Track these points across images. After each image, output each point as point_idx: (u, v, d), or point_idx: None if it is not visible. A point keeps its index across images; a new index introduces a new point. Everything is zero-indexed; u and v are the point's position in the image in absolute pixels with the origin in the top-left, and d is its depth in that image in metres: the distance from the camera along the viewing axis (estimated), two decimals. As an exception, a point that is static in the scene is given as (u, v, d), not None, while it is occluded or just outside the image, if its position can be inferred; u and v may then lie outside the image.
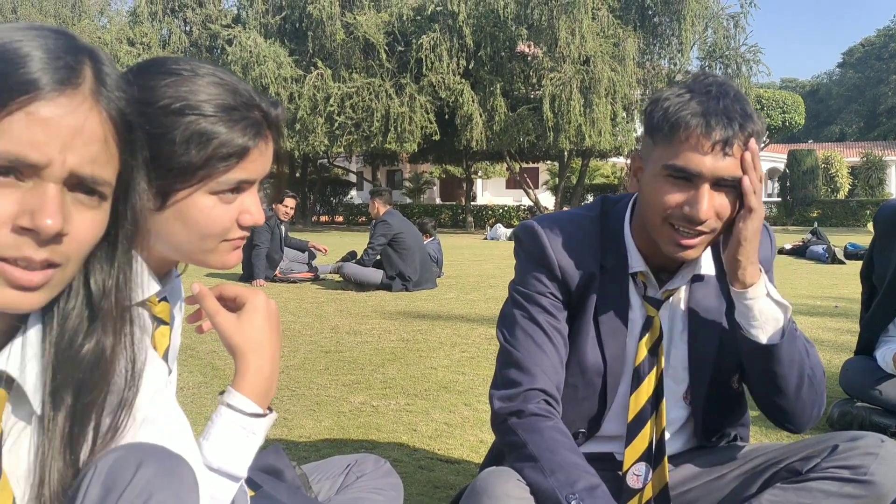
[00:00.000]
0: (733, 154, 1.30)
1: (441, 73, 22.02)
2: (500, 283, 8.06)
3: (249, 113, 1.01)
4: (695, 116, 1.30)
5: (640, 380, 1.50)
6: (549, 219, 1.56)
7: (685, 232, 1.34)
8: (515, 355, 1.46)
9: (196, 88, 0.99)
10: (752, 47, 24.07)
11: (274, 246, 7.99)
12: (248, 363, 1.03)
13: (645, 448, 1.50)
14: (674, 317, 1.52)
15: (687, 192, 1.32)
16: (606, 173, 36.91)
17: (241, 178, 1.01)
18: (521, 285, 1.52)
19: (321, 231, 23.61)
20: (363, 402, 3.17)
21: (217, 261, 1.05)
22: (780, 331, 1.39)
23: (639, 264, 1.48)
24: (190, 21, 25.03)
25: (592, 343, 1.51)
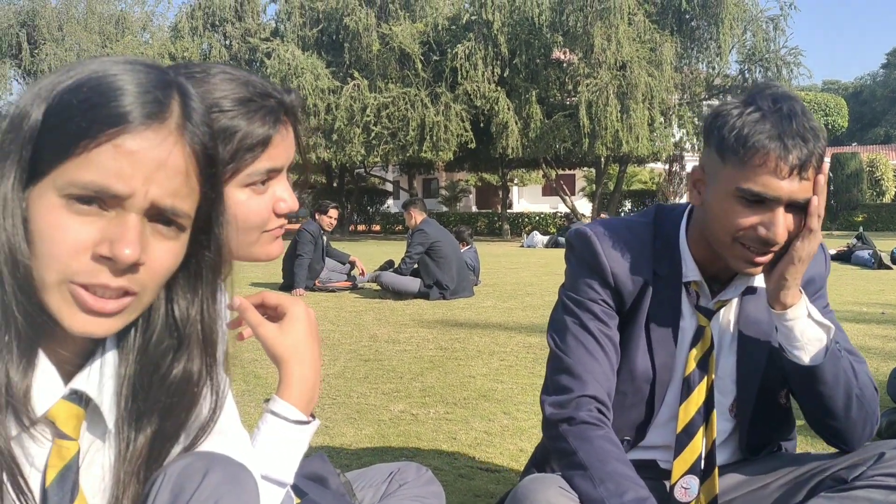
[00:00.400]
0: (808, 178, 1.30)
1: (476, 81, 22.05)
2: (537, 290, 8.04)
3: (265, 102, 1.03)
4: (771, 140, 1.28)
5: (689, 390, 1.49)
6: (602, 225, 1.56)
7: (757, 250, 1.34)
8: (567, 361, 1.46)
9: (211, 88, 1.01)
10: (792, 50, 23.65)
11: (316, 256, 8.09)
12: (291, 372, 1.05)
13: (694, 460, 1.49)
14: (724, 328, 1.51)
15: (761, 214, 1.31)
16: (644, 179, 36.53)
17: (269, 167, 1.04)
18: (572, 291, 1.52)
19: (358, 240, 23.78)
20: (403, 410, 3.19)
21: (262, 252, 1.08)
22: (823, 350, 1.37)
23: (694, 274, 1.48)
24: (230, 35, 25.48)
25: (643, 351, 1.50)
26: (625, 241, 1.51)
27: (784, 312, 1.37)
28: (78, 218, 0.71)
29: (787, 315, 1.37)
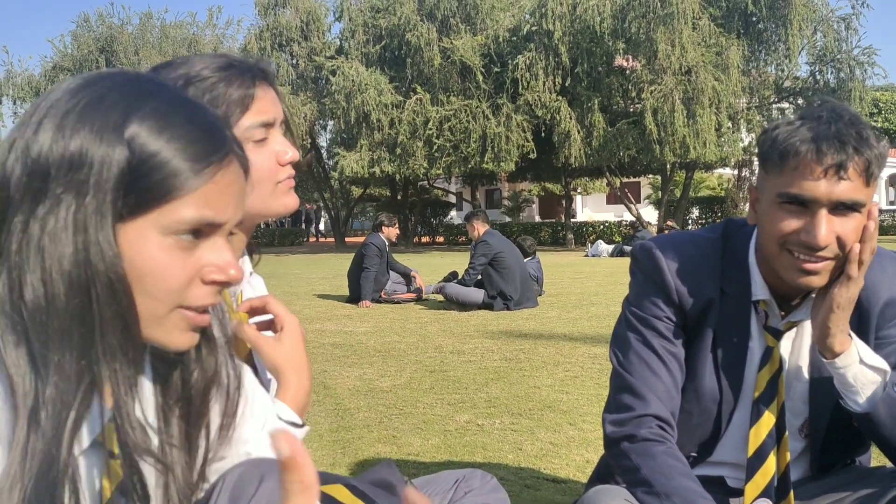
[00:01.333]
0: (849, 178, 1.26)
1: (537, 91, 22.01)
2: (602, 300, 7.97)
3: (243, 66, 1.15)
4: (804, 143, 1.27)
5: (759, 413, 1.46)
6: (668, 240, 1.54)
7: (805, 258, 1.31)
8: (628, 379, 1.45)
9: (190, 64, 1.13)
10: (865, 49, 22.81)
11: (381, 268, 8.22)
12: (289, 381, 1.13)
13: (767, 483, 1.46)
14: (799, 349, 1.48)
15: (803, 218, 1.30)
16: (712, 185, 35.72)
17: (261, 121, 1.13)
18: (636, 307, 1.51)
19: (422, 252, 23.96)
20: (468, 420, 3.23)
21: (279, 205, 1.17)
22: (877, 395, 1.35)
23: (762, 292, 1.44)
24: (296, 55, 26.13)
25: (710, 370, 1.48)
26: (691, 257, 1.49)
27: (834, 361, 1.35)
28: (183, 252, 0.76)
29: (836, 363, 1.35)
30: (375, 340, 5.55)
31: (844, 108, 1.32)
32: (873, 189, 1.31)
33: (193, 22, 31.45)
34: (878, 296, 1.45)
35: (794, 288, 1.41)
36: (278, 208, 1.17)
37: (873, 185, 1.30)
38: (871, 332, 1.46)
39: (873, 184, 1.30)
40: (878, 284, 1.45)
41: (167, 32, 30.66)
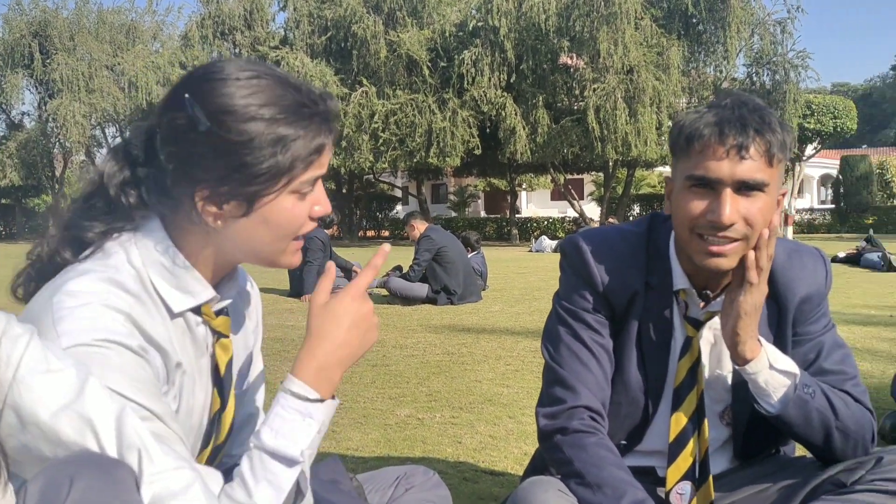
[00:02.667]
0: (751, 157, 1.29)
1: (483, 87, 22.11)
2: (545, 295, 8.05)
3: (317, 108, 1.04)
4: (708, 126, 1.31)
5: (680, 400, 1.50)
6: (594, 233, 1.56)
7: (713, 240, 1.34)
8: (560, 373, 1.47)
9: (264, 91, 1.01)
10: (800, 52, 23.56)
11: (324, 263, 8.10)
12: (310, 348, 1.05)
13: (688, 467, 1.49)
14: (719, 337, 1.50)
15: (709, 199, 1.33)
16: (653, 183, 36.47)
17: (318, 174, 1.05)
18: (565, 301, 1.53)
19: (367, 246, 23.83)
20: (409, 414, 3.22)
21: (287, 260, 1.10)
22: (787, 397, 1.39)
23: (682, 282, 1.47)
24: (239, 43, 25.64)
25: (635, 361, 1.51)
26: (616, 250, 1.52)
27: (745, 367, 1.39)
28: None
29: (747, 369, 1.39)
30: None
31: (750, 98, 1.37)
32: (777, 172, 1.34)
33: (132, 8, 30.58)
34: (795, 292, 1.48)
35: (711, 276, 1.44)
36: (284, 263, 1.09)
37: (777, 168, 1.33)
38: (788, 329, 1.50)
39: (777, 166, 1.33)
40: (795, 281, 1.49)
41: (104, 18, 29.74)
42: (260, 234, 1.05)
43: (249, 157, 0.99)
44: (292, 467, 1.00)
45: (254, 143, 0.99)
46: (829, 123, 28.58)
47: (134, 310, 0.99)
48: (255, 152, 0.99)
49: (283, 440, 1.00)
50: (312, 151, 1.02)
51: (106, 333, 0.94)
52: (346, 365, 1.08)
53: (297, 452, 1.00)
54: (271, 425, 1.01)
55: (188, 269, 1.06)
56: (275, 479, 0.99)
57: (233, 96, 1.00)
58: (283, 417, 1.02)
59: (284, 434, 1.01)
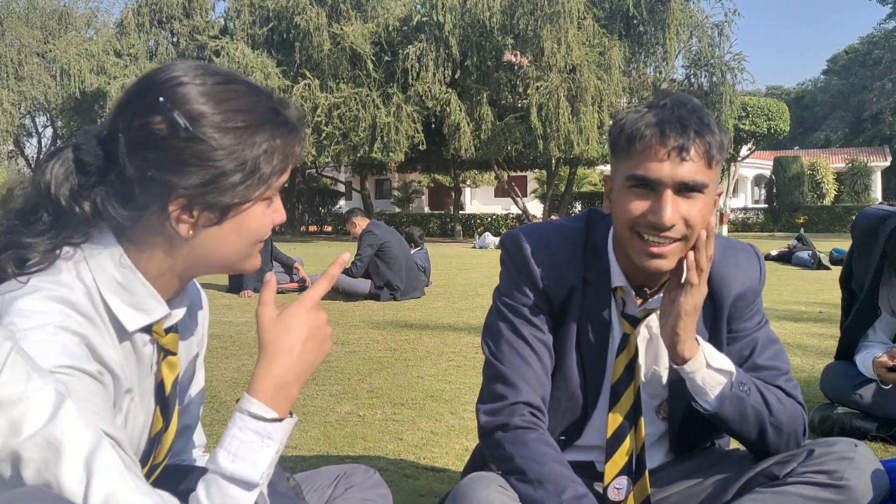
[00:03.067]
0: (691, 159, 1.31)
1: (427, 82, 22.09)
2: (487, 291, 8.05)
3: (288, 115, 1.03)
4: (649, 127, 1.32)
5: (617, 397, 1.51)
6: (534, 229, 1.56)
7: (653, 241, 1.34)
8: (500, 369, 1.47)
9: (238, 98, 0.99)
10: (736, 55, 24.27)
11: (264, 257, 7.96)
12: (266, 366, 1.00)
13: (625, 462, 1.51)
14: (656, 334, 1.52)
15: (650, 200, 1.33)
16: (594, 181, 37.05)
17: (285, 180, 1.05)
18: (506, 296, 1.52)
19: (309, 241, 23.58)
20: (350, 411, 3.18)
21: (250, 265, 1.08)
22: (724, 395, 1.41)
23: (619, 280, 1.48)
24: (177, 32, 25.02)
25: (574, 357, 1.51)
26: (555, 246, 1.52)
27: (683, 367, 1.41)
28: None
29: (686, 368, 1.41)
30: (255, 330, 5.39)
31: (689, 99, 1.38)
32: (715, 173, 1.36)
33: (65, -8, 29.46)
34: (730, 289, 1.51)
35: (648, 274, 1.44)
36: (247, 268, 1.08)
37: (715, 169, 1.35)
38: (723, 325, 1.52)
39: (715, 167, 1.35)
40: (730, 278, 1.51)
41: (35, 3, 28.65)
42: (231, 241, 1.02)
43: (231, 165, 0.97)
44: (251, 490, 0.96)
45: (234, 152, 0.97)
46: (764, 125, 29.52)
47: (87, 332, 0.94)
48: (237, 161, 0.97)
49: (241, 464, 0.96)
50: (287, 159, 1.01)
51: (66, 359, 0.89)
52: (304, 379, 1.03)
53: (257, 476, 0.96)
54: (228, 448, 0.96)
55: (144, 286, 1.02)
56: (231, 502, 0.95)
57: (208, 102, 0.97)
58: (241, 440, 0.96)
59: (243, 457, 0.96)
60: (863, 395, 2.79)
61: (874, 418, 2.75)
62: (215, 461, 0.96)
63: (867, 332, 2.88)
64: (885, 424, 2.71)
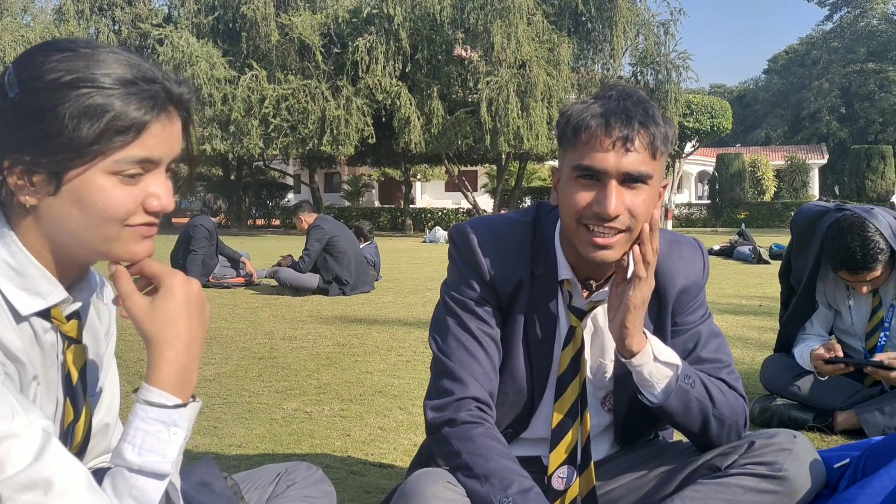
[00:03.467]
0: (636, 150, 1.32)
1: (377, 75, 21.96)
2: (438, 285, 8.00)
3: (148, 86, 0.96)
4: (595, 118, 1.33)
5: (563, 389, 1.52)
6: (482, 222, 1.55)
7: (599, 231, 1.35)
8: (448, 364, 1.46)
9: (91, 63, 0.94)
10: (681, 54, 24.75)
11: (210, 251, 7.84)
12: (160, 354, 0.98)
13: (569, 453, 1.51)
14: (602, 326, 1.53)
15: (595, 190, 1.34)
16: (544, 176, 37.37)
17: (143, 157, 0.95)
18: (454, 290, 1.52)
19: (256, 235, 23.23)
20: (296, 408, 3.13)
21: (122, 250, 0.99)
22: (670, 388, 1.43)
23: (566, 273, 1.49)
24: (118, 20, 24.33)
25: (521, 350, 1.51)
26: (503, 239, 1.51)
27: (631, 360, 1.42)
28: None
29: (633, 362, 1.42)
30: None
31: (634, 91, 1.39)
32: (660, 164, 1.37)
33: (-1, -24, 28.34)
34: (674, 283, 1.52)
35: (594, 267, 1.45)
36: (120, 254, 0.99)
37: (660, 161, 1.36)
38: (667, 319, 1.54)
39: (660, 159, 1.36)
40: (675, 272, 1.53)
41: (-33, -14, 27.44)
42: (75, 215, 0.95)
43: (53, 126, 0.92)
44: (161, 480, 0.94)
45: (58, 111, 0.91)
46: (707, 123, 30.18)
47: None
48: (59, 121, 0.91)
49: (148, 455, 0.94)
50: (129, 127, 0.94)
51: None
52: (200, 355, 1.02)
53: (167, 466, 0.94)
54: (133, 441, 0.94)
55: (37, 268, 0.97)
56: (142, 494, 0.93)
57: (45, 63, 0.93)
58: (146, 431, 0.94)
59: (149, 448, 0.94)
60: (800, 386, 2.87)
61: (811, 409, 2.83)
62: (120, 455, 0.94)
63: (805, 325, 2.96)
64: (821, 415, 2.80)
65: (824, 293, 2.93)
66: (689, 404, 1.44)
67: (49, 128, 0.92)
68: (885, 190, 31.70)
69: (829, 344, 2.77)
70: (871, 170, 32.24)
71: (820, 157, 41.86)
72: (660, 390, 1.44)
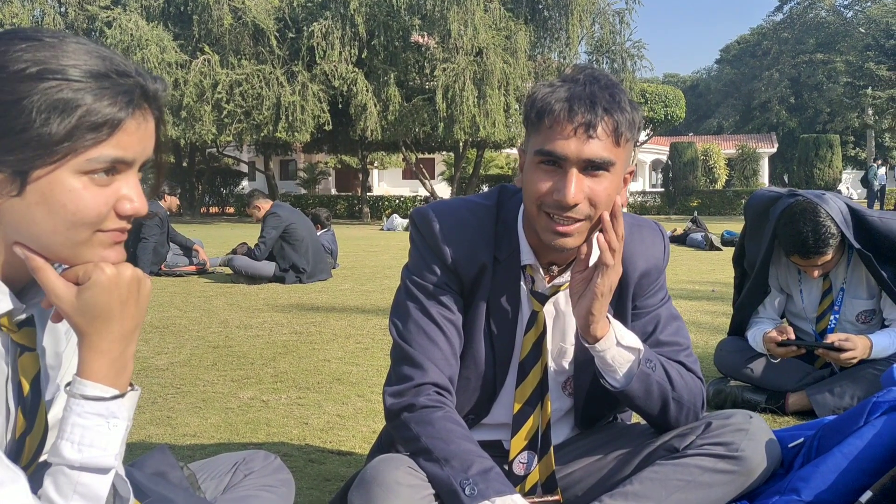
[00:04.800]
0: (598, 137, 1.30)
1: (334, 61, 21.72)
2: (396, 273, 8.03)
3: (122, 81, 0.90)
4: (559, 102, 1.31)
5: (525, 374, 1.51)
6: (444, 206, 1.53)
7: (559, 219, 1.33)
8: (407, 350, 1.44)
9: (59, 53, 0.87)
10: (636, 43, 25.02)
11: (161, 239, 7.67)
12: (92, 346, 0.93)
13: (530, 438, 1.51)
14: (563, 310, 1.53)
15: (556, 177, 1.32)
16: (501, 164, 37.50)
17: (116, 157, 0.89)
18: (414, 274, 1.49)
19: (210, 223, 22.85)
20: (252, 397, 3.08)
21: (92, 256, 0.93)
22: (632, 372, 1.44)
23: (528, 257, 1.48)
24: (65, 2, 23.59)
25: (484, 335, 1.50)
26: (466, 223, 1.49)
27: (594, 345, 1.42)
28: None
29: (597, 347, 1.42)
30: (152, 315, 5.17)
31: (603, 75, 1.37)
32: (624, 151, 1.34)
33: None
34: (634, 266, 1.53)
35: (559, 253, 1.44)
36: (84, 255, 0.93)
37: (624, 147, 1.34)
38: (628, 302, 1.54)
39: (624, 145, 1.34)
40: (635, 255, 1.53)
41: None
42: (40, 218, 0.88)
43: (19, 120, 0.85)
44: (106, 474, 0.91)
45: (24, 105, 0.85)
46: (661, 111, 30.60)
47: None
48: (25, 116, 0.85)
49: (90, 451, 0.90)
50: (103, 124, 0.88)
51: None
52: (135, 341, 0.97)
53: (110, 460, 0.91)
54: (71, 438, 0.90)
55: None
56: (88, 490, 0.90)
57: (8, 53, 0.87)
58: (84, 426, 0.90)
59: (90, 443, 0.90)
60: (753, 369, 2.93)
61: (763, 391, 2.89)
62: (59, 454, 0.90)
63: (758, 308, 3.01)
64: (773, 397, 2.85)
65: (777, 277, 2.98)
66: (650, 388, 1.45)
67: (14, 123, 0.85)
68: (832, 178, 32.60)
69: (781, 327, 2.82)
70: (820, 158, 33.11)
71: (770, 147, 42.82)
72: (622, 375, 1.44)
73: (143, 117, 0.93)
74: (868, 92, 37.71)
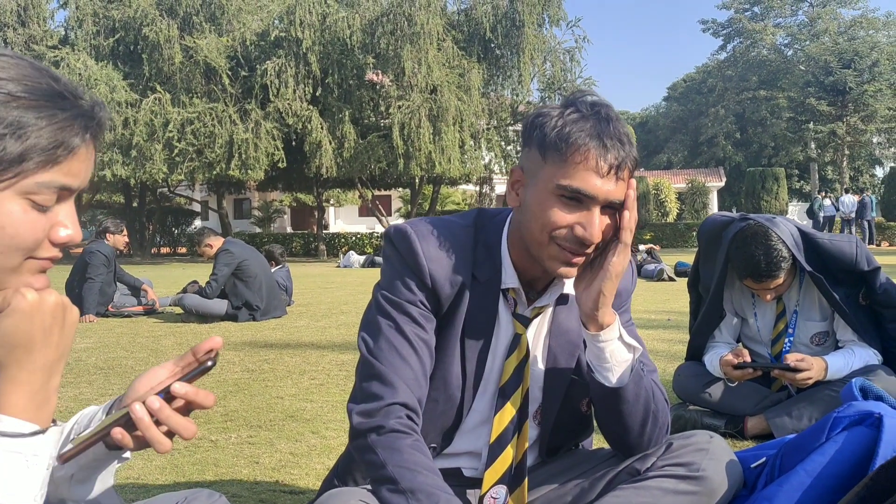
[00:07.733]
0: (623, 178, 1.30)
1: (288, 99, 21.68)
2: (352, 309, 7.94)
3: (76, 104, 0.86)
4: (592, 138, 1.28)
5: (504, 400, 1.45)
6: (422, 223, 1.47)
7: (573, 252, 1.32)
8: (378, 367, 1.36)
9: (7, 67, 0.83)
10: (587, 80, 25.53)
11: (108, 279, 7.46)
12: (10, 377, 0.86)
13: (505, 469, 1.45)
14: (537, 336, 1.49)
15: (578, 212, 1.30)
16: (457, 200, 37.71)
17: (64, 183, 0.86)
18: (388, 291, 1.42)
19: (161, 263, 22.39)
20: (200, 437, 2.96)
21: (18, 283, 0.87)
22: (629, 371, 1.39)
23: (512, 280, 1.43)
24: (11, 42, 23.17)
25: (457, 357, 1.45)
26: (445, 242, 1.44)
27: (598, 334, 1.36)
28: None
29: (601, 336, 1.37)
30: (98, 357, 4.98)
31: (609, 105, 1.35)
32: None
33: None
34: None
35: (539, 276, 1.41)
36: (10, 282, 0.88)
37: None
38: None
39: None
40: None
41: None
42: None
43: None
44: None
45: None
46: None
47: None
48: None
49: (5, 493, 0.82)
50: (56, 147, 0.83)
51: None
52: (59, 373, 0.90)
53: (29, 501, 0.83)
54: None
55: None
56: None
57: None
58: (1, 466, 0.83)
59: (6, 484, 0.82)
60: (712, 393, 2.92)
61: (722, 415, 2.88)
62: None
63: (714, 333, 3.02)
64: (732, 421, 2.84)
65: (731, 301, 3.00)
66: (640, 392, 1.41)
67: None
68: (779, 210, 33.52)
69: (737, 350, 2.82)
70: (766, 191, 34.06)
71: (718, 180, 43.94)
72: (618, 373, 1.39)
73: (92, 144, 0.90)
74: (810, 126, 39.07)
